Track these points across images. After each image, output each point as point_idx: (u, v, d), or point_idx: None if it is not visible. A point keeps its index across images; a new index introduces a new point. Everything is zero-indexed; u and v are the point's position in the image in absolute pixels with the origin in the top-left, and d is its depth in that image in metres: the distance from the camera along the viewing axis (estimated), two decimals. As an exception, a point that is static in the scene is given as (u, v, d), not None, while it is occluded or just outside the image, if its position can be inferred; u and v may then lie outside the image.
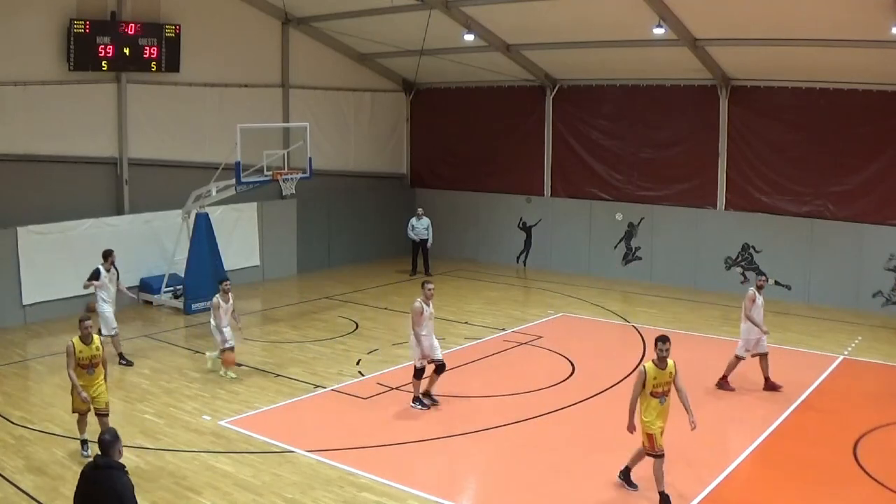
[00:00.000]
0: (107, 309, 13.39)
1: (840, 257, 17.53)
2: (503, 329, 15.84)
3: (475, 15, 18.09)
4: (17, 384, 12.55)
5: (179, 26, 17.81)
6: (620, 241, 20.77)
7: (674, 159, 19.83)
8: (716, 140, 19.11)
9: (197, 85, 18.89)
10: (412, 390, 11.62)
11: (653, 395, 8.46)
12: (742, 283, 18.92)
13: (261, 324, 16.41)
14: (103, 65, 16.85)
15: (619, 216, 20.66)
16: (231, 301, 13.03)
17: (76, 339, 9.52)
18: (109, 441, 5.94)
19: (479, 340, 15.08)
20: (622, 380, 12.75)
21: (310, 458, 9.73)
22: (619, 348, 14.88)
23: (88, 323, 9.56)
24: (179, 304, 17.16)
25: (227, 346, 12.85)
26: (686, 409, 8.61)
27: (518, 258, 22.56)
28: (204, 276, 16.94)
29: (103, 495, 5.71)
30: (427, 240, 21.14)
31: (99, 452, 5.99)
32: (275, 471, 9.37)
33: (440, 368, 11.58)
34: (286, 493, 8.80)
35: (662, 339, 8.52)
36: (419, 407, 11.42)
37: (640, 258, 20.52)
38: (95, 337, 9.62)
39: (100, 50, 16.68)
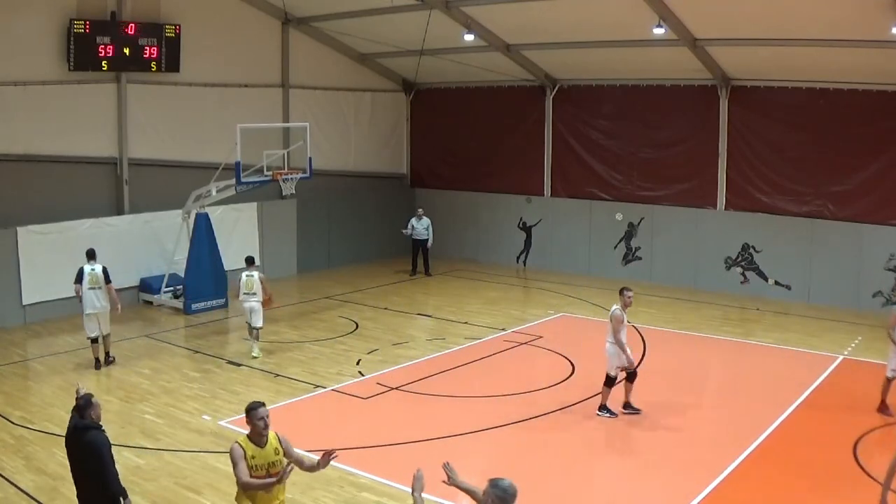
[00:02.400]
0: (106, 307, 13.28)
1: (840, 257, 17.53)
2: (503, 329, 15.84)
3: (475, 15, 18.09)
4: (17, 384, 12.56)
5: (179, 26, 17.81)
6: (620, 241, 20.77)
7: (674, 159, 19.83)
8: (716, 140, 19.11)
9: (197, 85, 18.89)
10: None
11: None
12: (742, 283, 18.94)
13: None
14: (103, 65, 16.84)
15: (619, 216, 20.66)
16: None
17: (243, 440, 6.57)
18: (83, 405, 6.64)
19: (479, 340, 15.08)
20: (622, 380, 12.72)
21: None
22: (619, 348, 14.85)
23: (264, 410, 6.48)
24: (179, 304, 17.16)
25: None
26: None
27: (518, 258, 22.55)
28: (204, 276, 16.96)
29: (83, 451, 6.52)
30: (427, 240, 21.12)
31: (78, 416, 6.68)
32: (275, 471, 9.35)
33: (633, 376, 11.10)
34: (286, 493, 8.78)
35: None
36: (606, 415, 10.95)
37: (640, 258, 20.52)
38: (272, 435, 6.63)
39: (100, 50, 16.68)
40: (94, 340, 13.20)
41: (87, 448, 6.49)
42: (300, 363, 13.68)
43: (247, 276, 14.05)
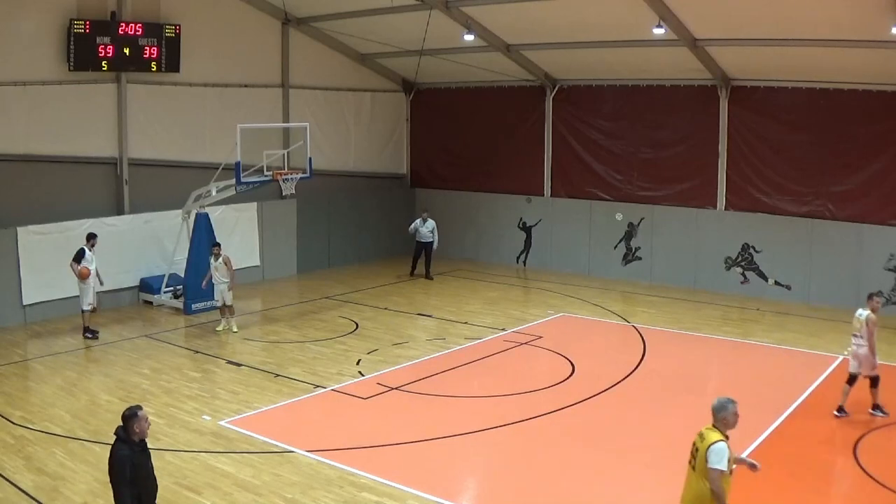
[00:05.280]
0: (90, 284, 15.07)
1: (840, 257, 17.52)
2: (503, 329, 15.84)
3: (475, 15, 18.09)
4: (17, 384, 12.55)
5: (179, 26, 17.81)
6: (620, 241, 20.76)
7: (674, 159, 19.83)
8: (716, 140, 19.11)
9: (197, 85, 18.89)
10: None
11: None
12: (742, 283, 18.93)
13: (261, 324, 16.41)
14: (103, 65, 16.84)
15: (619, 216, 20.65)
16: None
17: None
18: (126, 416, 6.44)
19: (479, 340, 15.08)
20: (622, 380, 12.76)
21: (310, 458, 9.73)
22: (619, 348, 14.88)
23: None
24: (179, 304, 17.16)
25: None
26: None
27: (518, 258, 22.55)
28: (204, 276, 16.93)
29: (109, 462, 6.41)
30: (431, 242, 20.91)
31: None
32: (275, 471, 9.37)
33: (876, 381, 11.17)
34: (286, 493, 8.80)
35: None
36: (880, 414, 10.99)
37: (640, 258, 20.51)
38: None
39: (100, 50, 16.68)
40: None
41: (109, 459, 6.39)
42: (300, 363, 13.67)
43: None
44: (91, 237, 15.22)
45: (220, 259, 15.55)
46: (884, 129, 16.86)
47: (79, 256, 14.94)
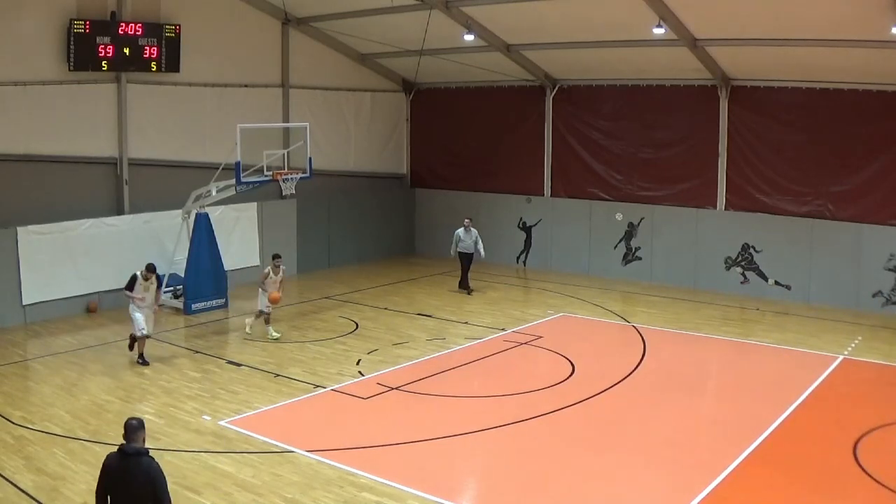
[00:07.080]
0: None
1: (840, 257, 17.53)
2: (503, 329, 15.84)
3: (475, 15, 18.09)
4: (17, 384, 12.54)
5: (179, 26, 17.81)
6: (620, 241, 20.77)
7: (674, 159, 19.83)
8: (716, 140, 19.11)
9: (197, 85, 18.89)
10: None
11: None
12: (742, 283, 18.94)
13: (261, 324, 16.39)
14: (103, 65, 16.83)
15: (619, 216, 20.66)
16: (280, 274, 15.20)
17: None
18: (136, 426, 5.93)
19: (479, 340, 15.08)
20: (622, 380, 12.76)
21: (310, 458, 9.73)
22: (619, 348, 14.88)
23: None
24: (179, 304, 17.16)
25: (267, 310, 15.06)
26: None
27: (518, 258, 22.56)
28: (204, 276, 16.95)
29: (135, 482, 5.71)
30: (473, 254, 19.22)
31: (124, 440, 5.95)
32: (275, 471, 9.37)
33: None
34: (286, 493, 8.80)
35: None
36: None
37: (640, 258, 20.51)
38: None
39: (100, 50, 16.68)
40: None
41: (143, 478, 5.73)
42: (300, 363, 13.67)
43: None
44: (151, 269, 13.56)
45: (281, 272, 15.25)
46: (884, 129, 16.87)
47: (131, 284, 13.44)
